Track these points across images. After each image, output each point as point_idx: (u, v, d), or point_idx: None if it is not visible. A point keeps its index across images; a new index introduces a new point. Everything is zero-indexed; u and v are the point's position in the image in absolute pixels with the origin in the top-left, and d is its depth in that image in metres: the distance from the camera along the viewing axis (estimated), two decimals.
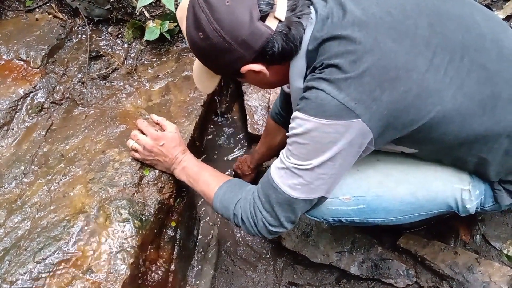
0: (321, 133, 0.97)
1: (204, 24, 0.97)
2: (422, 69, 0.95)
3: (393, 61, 0.94)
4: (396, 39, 0.95)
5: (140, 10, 1.93)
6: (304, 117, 0.98)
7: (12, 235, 1.37)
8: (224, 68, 1.09)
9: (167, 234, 1.58)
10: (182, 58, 1.95)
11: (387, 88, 0.93)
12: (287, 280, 1.70)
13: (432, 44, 0.97)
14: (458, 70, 0.98)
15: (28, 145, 1.63)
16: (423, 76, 0.95)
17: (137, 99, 1.80)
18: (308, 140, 0.99)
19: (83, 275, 1.28)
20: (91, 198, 1.44)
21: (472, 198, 1.19)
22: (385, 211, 1.21)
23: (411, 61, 0.95)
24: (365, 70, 0.93)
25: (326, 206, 1.19)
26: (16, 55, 1.85)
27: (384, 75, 0.93)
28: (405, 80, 0.94)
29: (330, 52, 0.97)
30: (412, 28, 0.97)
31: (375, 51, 0.94)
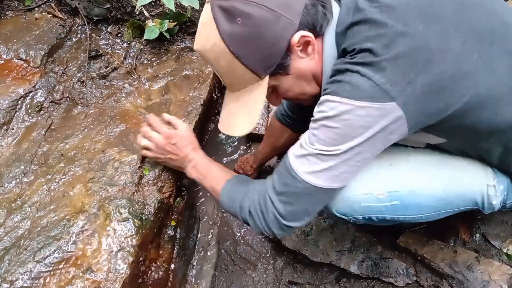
0: (353, 116, 0.92)
1: (239, 7, 0.94)
2: (455, 51, 0.93)
3: (426, 43, 0.92)
4: (426, 23, 0.93)
5: (139, 9, 1.92)
6: (337, 99, 0.93)
7: (12, 235, 1.37)
8: (272, 53, 0.99)
9: (167, 233, 1.58)
10: (182, 57, 1.95)
11: (421, 70, 0.90)
12: (287, 279, 1.70)
13: (462, 28, 0.95)
14: (490, 55, 0.96)
15: (27, 145, 1.63)
16: (457, 58, 0.93)
17: (136, 99, 1.80)
18: (339, 124, 0.94)
19: (83, 275, 1.28)
20: (91, 198, 1.44)
21: (497, 194, 1.18)
22: (418, 207, 1.19)
23: (444, 43, 0.93)
24: (398, 53, 0.90)
25: (359, 203, 1.17)
26: (16, 55, 1.85)
27: (418, 57, 0.91)
28: (440, 61, 0.91)
29: (361, 36, 0.94)
30: (440, 13, 0.96)
31: (407, 34, 0.91)
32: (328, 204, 1.20)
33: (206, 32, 1.01)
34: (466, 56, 0.94)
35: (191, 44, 2.00)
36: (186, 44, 2.00)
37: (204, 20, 1.02)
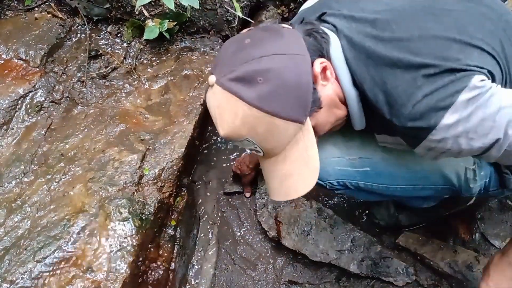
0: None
1: (252, 69, 0.90)
2: (479, 36, 0.94)
3: (449, 34, 0.92)
4: (438, 20, 0.94)
5: (139, 9, 1.92)
6: (480, 84, 0.90)
7: (12, 235, 1.37)
8: (302, 88, 0.94)
9: (167, 233, 1.58)
10: (182, 57, 1.95)
11: (469, 48, 0.91)
12: (287, 278, 1.70)
13: (483, 18, 0.97)
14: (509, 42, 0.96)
15: (27, 145, 1.63)
16: (481, 34, 0.93)
17: (136, 98, 1.80)
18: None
19: (83, 274, 1.28)
20: (91, 197, 1.44)
21: (476, 178, 1.20)
22: (390, 176, 1.21)
23: (463, 27, 0.93)
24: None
25: (332, 166, 1.20)
26: (16, 55, 1.85)
27: (451, 47, 0.92)
28: (470, 40, 0.92)
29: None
30: (448, 10, 0.96)
31: (427, 37, 0.93)
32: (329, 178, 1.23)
33: (230, 111, 0.93)
34: (488, 35, 0.95)
35: (191, 44, 2.01)
36: (186, 44, 2.00)
37: (219, 103, 0.95)
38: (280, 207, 1.78)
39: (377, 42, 0.94)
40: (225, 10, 1.97)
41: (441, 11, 0.96)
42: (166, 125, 1.70)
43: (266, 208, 1.81)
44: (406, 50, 0.92)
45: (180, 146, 1.63)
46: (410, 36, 0.93)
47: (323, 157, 1.13)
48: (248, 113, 0.91)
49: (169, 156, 1.60)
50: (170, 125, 1.70)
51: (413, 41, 0.92)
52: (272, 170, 1.06)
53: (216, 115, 0.97)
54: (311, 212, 1.72)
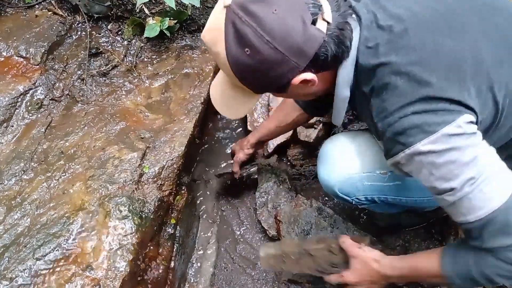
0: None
1: (251, 38, 0.89)
2: (488, 59, 0.93)
3: (461, 53, 0.92)
4: (454, 34, 0.93)
5: (140, 7, 1.92)
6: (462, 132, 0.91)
7: (11, 232, 1.37)
8: (272, 84, 0.99)
9: (166, 231, 1.58)
10: (182, 55, 1.95)
11: (472, 71, 0.91)
12: (286, 278, 1.69)
13: (490, 37, 0.95)
14: None
15: (27, 142, 1.63)
16: (491, 66, 0.93)
17: (137, 96, 1.80)
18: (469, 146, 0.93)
19: (82, 272, 1.28)
20: (91, 195, 1.44)
21: None
22: (420, 189, 1.14)
23: (477, 52, 0.93)
24: (443, 68, 0.90)
25: (362, 182, 1.17)
26: (16, 52, 1.84)
27: (460, 69, 0.91)
28: (478, 72, 0.92)
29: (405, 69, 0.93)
30: (465, 23, 0.95)
31: (442, 49, 0.92)
32: (331, 184, 1.19)
33: (215, 35, 0.95)
34: (499, 65, 0.94)
35: (191, 42, 2.00)
36: (187, 42, 2.00)
37: (216, 22, 0.95)
38: (280, 206, 1.77)
39: (390, 47, 0.94)
40: None
41: (461, 25, 0.95)
42: (166, 123, 1.70)
43: (266, 207, 1.81)
44: (417, 61, 0.91)
45: (180, 145, 1.63)
46: (423, 47, 0.92)
47: (352, 172, 1.16)
48: (221, 56, 0.94)
49: (169, 154, 1.59)
50: (170, 123, 1.70)
51: (425, 53, 0.91)
52: (222, 82, 1.09)
53: (211, 18, 0.98)
54: (311, 211, 1.71)
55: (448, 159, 0.88)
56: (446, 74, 0.89)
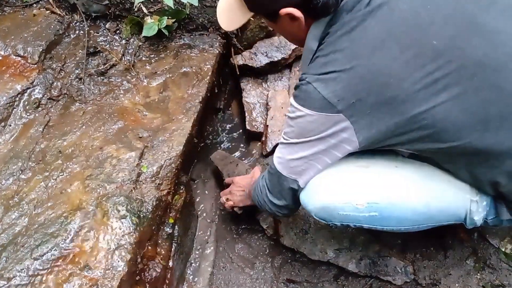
0: (305, 121, 1.06)
1: None
2: (416, 80, 0.97)
3: (388, 67, 0.97)
4: (403, 46, 0.97)
5: (138, 6, 1.92)
6: (295, 105, 1.07)
7: (9, 232, 1.37)
8: (266, 5, 1.08)
9: (165, 231, 1.58)
10: (180, 54, 1.94)
11: (374, 91, 0.98)
12: (285, 277, 1.70)
13: (442, 57, 0.97)
14: (463, 87, 0.97)
15: (25, 141, 1.63)
16: (413, 86, 0.97)
17: (135, 96, 1.80)
18: (294, 124, 1.10)
19: (80, 272, 1.28)
20: (89, 195, 1.44)
21: (479, 210, 1.18)
22: (396, 220, 1.19)
23: (407, 71, 0.97)
24: (357, 71, 0.98)
25: (337, 211, 1.19)
26: (14, 51, 1.84)
27: (374, 79, 0.98)
28: (395, 87, 0.97)
29: (337, 44, 1.02)
30: (428, 37, 0.98)
31: (376, 53, 0.97)
32: (309, 209, 1.24)
33: None
34: (427, 85, 0.97)
35: (190, 41, 2.00)
36: (185, 41, 1.99)
37: None
38: None
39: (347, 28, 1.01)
40: None
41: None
42: (164, 123, 1.70)
43: None
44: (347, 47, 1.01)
45: (178, 144, 1.62)
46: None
47: (330, 201, 1.18)
48: None
49: (167, 153, 1.59)
50: (168, 123, 1.69)
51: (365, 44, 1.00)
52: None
53: None
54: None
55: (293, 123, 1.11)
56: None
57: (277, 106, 1.99)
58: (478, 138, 1.01)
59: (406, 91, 0.97)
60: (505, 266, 1.56)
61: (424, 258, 1.62)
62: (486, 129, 1.00)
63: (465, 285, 1.55)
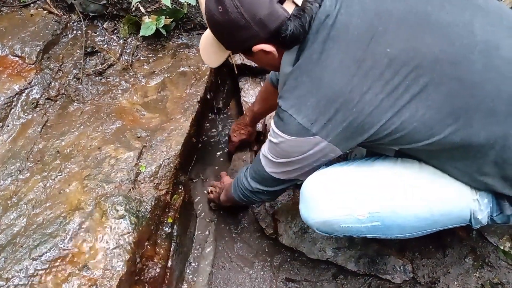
0: (288, 145, 1.12)
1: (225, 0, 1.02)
2: (377, 90, 0.99)
3: (349, 85, 1.00)
4: (359, 61, 1.00)
5: (135, 6, 1.91)
6: (276, 131, 1.12)
7: (7, 232, 1.36)
8: (237, 45, 1.13)
9: (163, 230, 1.58)
10: (178, 54, 1.94)
11: (340, 109, 1.02)
12: (284, 276, 1.70)
13: (397, 62, 0.99)
14: (423, 85, 0.99)
15: (23, 142, 1.62)
16: (376, 96, 0.99)
17: (133, 95, 1.80)
18: (278, 148, 1.16)
19: (79, 272, 1.27)
20: (87, 195, 1.43)
21: (482, 208, 1.17)
22: (399, 227, 1.19)
23: (367, 84, 0.99)
24: (323, 93, 1.03)
25: (339, 224, 1.19)
26: (11, 51, 1.83)
27: (338, 98, 1.01)
28: (358, 102, 1.00)
29: (304, 68, 1.07)
30: (382, 46, 0.99)
31: (336, 74, 1.01)
32: (310, 223, 1.24)
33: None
34: (390, 92, 0.99)
35: (187, 40, 2.00)
36: (183, 40, 1.99)
37: None
38: (278, 205, 1.77)
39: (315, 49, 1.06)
40: None
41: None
42: (162, 122, 1.69)
43: (264, 206, 1.81)
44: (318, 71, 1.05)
45: (177, 143, 1.62)
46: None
47: (331, 215, 1.19)
48: (202, 7, 1.11)
49: (165, 153, 1.59)
50: (166, 122, 1.69)
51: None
52: (209, 36, 1.22)
53: None
54: None
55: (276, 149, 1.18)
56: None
57: None
58: (452, 132, 1.01)
59: (369, 103, 1.00)
60: (504, 264, 1.56)
61: (423, 256, 1.63)
62: (457, 123, 1.01)
63: (464, 283, 1.55)
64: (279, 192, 1.41)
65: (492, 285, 1.52)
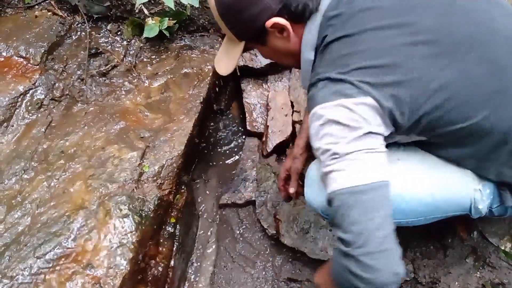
0: (338, 116, 0.96)
1: None
2: (422, 55, 0.96)
3: (394, 47, 0.96)
4: (401, 26, 0.98)
5: (139, 8, 1.93)
6: (319, 111, 0.98)
7: (12, 231, 1.38)
8: (250, 24, 1.08)
9: (166, 230, 1.59)
10: (181, 55, 1.96)
11: (389, 72, 0.95)
12: (286, 276, 1.70)
13: (437, 34, 0.98)
14: (465, 61, 0.98)
15: (28, 142, 1.64)
16: (423, 62, 0.96)
17: (136, 96, 1.81)
18: (329, 133, 0.99)
19: (83, 270, 1.29)
20: (91, 194, 1.45)
21: (484, 198, 1.17)
22: (402, 212, 1.18)
23: (412, 48, 0.96)
24: (370, 56, 0.96)
25: None
26: (16, 52, 1.85)
27: (385, 60, 0.96)
28: (405, 64, 0.96)
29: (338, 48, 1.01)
30: (418, 17, 0.99)
31: (377, 39, 0.97)
32: (315, 207, 1.22)
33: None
34: (435, 61, 0.97)
35: (190, 42, 2.01)
36: (186, 42, 2.01)
37: None
38: (280, 205, 1.78)
39: (345, 22, 1.01)
40: None
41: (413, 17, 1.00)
42: (165, 123, 1.71)
43: (265, 206, 1.82)
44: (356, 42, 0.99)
45: (179, 144, 1.63)
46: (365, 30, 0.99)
47: None
48: (212, 5, 1.11)
49: (168, 153, 1.60)
50: (169, 123, 1.71)
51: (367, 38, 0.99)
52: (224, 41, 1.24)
53: None
54: (310, 210, 1.72)
55: (329, 130, 0.94)
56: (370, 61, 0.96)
57: (277, 107, 2.01)
58: (485, 117, 1.00)
59: (418, 68, 0.96)
60: (505, 265, 1.56)
61: (424, 256, 1.63)
62: (489, 107, 1.00)
63: (464, 283, 1.56)
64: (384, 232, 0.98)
65: (493, 285, 1.52)
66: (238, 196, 1.89)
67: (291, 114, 1.99)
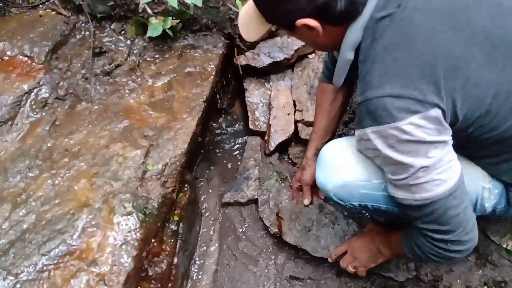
0: (409, 135, 0.98)
1: None
2: (479, 59, 0.96)
3: (451, 50, 0.95)
4: (455, 28, 0.96)
5: (143, 7, 1.94)
6: (387, 130, 0.99)
7: (17, 228, 1.39)
8: (281, 17, 1.08)
9: (170, 228, 1.60)
10: (185, 54, 1.97)
11: (448, 76, 0.94)
12: (288, 274, 1.71)
13: (492, 36, 0.97)
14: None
15: (32, 140, 1.65)
16: (480, 68, 0.96)
17: (140, 95, 1.82)
18: (402, 147, 1.00)
19: (87, 267, 1.30)
20: (95, 192, 1.46)
21: (491, 197, 1.19)
22: None
23: (469, 52, 0.96)
24: (425, 61, 0.95)
25: (358, 190, 1.20)
26: (20, 51, 1.86)
27: (444, 63, 0.95)
28: (464, 69, 0.95)
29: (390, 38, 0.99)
30: (473, 18, 0.98)
31: (434, 40, 0.96)
32: (327, 189, 1.23)
33: None
34: (490, 65, 0.96)
35: (194, 41, 2.02)
36: (189, 41, 2.02)
37: None
38: (282, 204, 1.79)
39: (393, 25, 0.99)
40: (228, 8, 1.98)
41: (464, 23, 0.98)
42: (169, 122, 1.72)
43: (268, 205, 1.82)
44: (408, 47, 0.96)
45: (183, 142, 1.64)
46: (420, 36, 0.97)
47: (349, 180, 1.20)
48: None
49: (172, 152, 1.61)
50: (173, 122, 1.72)
51: (419, 43, 0.96)
52: (248, 4, 1.18)
53: None
54: (313, 208, 1.73)
55: (407, 148, 0.97)
56: (425, 68, 0.94)
57: (279, 106, 2.02)
58: None
59: (475, 72, 0.96)
60: (507, 263, 1.57)
61: None
62: None
63: (466, 281, 1.56)
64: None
65: (494, 283, 1.53)
66: (240, 195, 1.90)
67: (293, 113, 1.99)
